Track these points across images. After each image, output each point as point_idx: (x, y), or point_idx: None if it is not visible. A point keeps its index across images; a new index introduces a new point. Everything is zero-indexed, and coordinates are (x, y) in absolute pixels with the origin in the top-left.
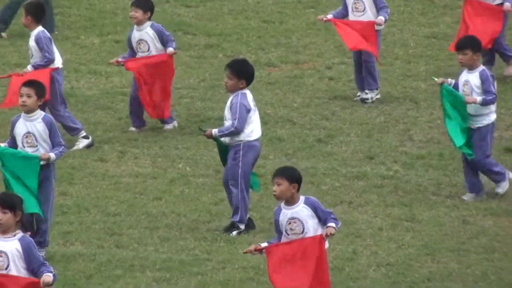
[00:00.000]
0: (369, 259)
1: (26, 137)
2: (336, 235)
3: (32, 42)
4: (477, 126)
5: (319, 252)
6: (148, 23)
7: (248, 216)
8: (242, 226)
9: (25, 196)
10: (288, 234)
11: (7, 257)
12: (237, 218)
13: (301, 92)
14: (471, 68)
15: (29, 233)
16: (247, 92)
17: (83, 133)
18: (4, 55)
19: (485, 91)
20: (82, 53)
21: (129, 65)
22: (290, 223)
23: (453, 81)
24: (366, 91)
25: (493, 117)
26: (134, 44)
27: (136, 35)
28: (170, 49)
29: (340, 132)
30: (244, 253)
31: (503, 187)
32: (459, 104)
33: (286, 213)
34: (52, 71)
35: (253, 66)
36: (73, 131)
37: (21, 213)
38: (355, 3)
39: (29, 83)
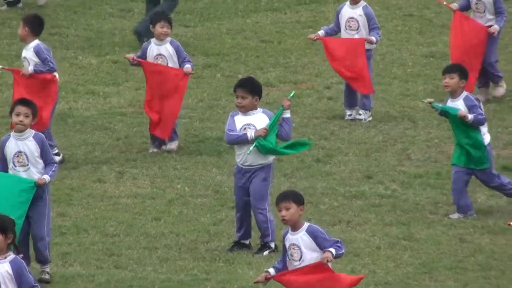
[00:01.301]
0: (368, 278)
1: (17, 156)
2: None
3: (29, 54)
4: None
5: (324, 272)
6: (168, 39)
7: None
8: (273, 245)
9: None
10: (289, 259)
11: None
12: (269, 238)
13: (299, 112)
14: (454, 95)
15: (21, 255)
16: None
17: (56, 150)
18: (1, 76)
19: (473, 112)
20: (80, 73)
21: (145, 65)
22: (290, 249)
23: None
24: (360, 111)
25: (487, 138)
26: (151, 57)
27: (154, 49)
28: (188, 66)
29: (339, 152)
30: (254, 283)
31: (455, 216)
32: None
33: (289, 238)
34: (55, 78)
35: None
36: None
37: (13, 235)
38: (349, 21)
39: (27, 103)
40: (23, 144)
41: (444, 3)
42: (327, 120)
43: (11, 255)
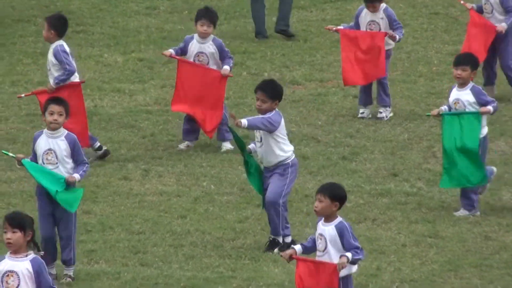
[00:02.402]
0: (393, 275)
1: (47, 153)
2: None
3: (51, 56)
4: None
5: (329, 280)
6: (211, 37)
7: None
8: (281, 240)
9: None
10: (316, 248)
11: (18, 277)
12: (279, 233)
13: (325, 110)
14: (463, 86)
15: (43, 253)
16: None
17: (98, 144)
18: (26, 73)
19: (486, 102)
20: (105, 71)
21: (181, 65)
22: (318, 238)
23: (446, 107)
24: (381, 109)
25: (484, 131)
26: (192, 54)
27: (196, 46)
28: (226, 68)
29: (364, 150)
30: (281, 256)
31: (462, 213)
32: (466, 125)
33: (320, 227)
34: (81, 83)
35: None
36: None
37: (32, 232)
38: (370, 24)
39: (60, 101)
40: (54, 143)
41: (462, 2)
42: (352, 118)
43: (32, 254)
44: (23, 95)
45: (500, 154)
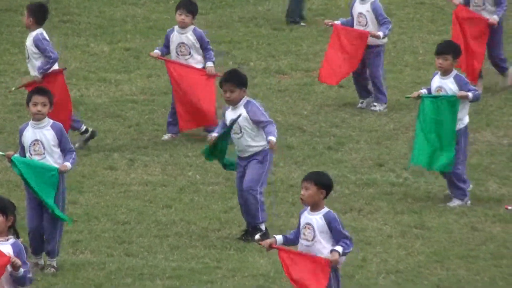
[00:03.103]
0: (379, 266)
1: (34, 144)
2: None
3: (28, 43)
4: None
5: (321, 274)
6: (191, 27)
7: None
8: (263, 227)
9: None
10: (300, 237)
11: None
12: (259, 220)
13: (311, 100)
14: (445, 73)
15: (21, 239)
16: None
17: (84, 127)
18: (13, 63)
19: (468, 91)
20: (91, 60)
21: (170, 66)
22: (305, 227)
23: (425, 90)
24: (375, 103)
25: (466, 120)
26: (173, 45)
27: (176, 37)
28: (210, 66)
29: (350, 140)
30: (259, 244)
31: (455, 203)
32: (444, 109)
33: (306, 216)
34: (62, 71)
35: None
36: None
37: (13, 218)
38: (358, 17)
39: (44, 92)
40: (40, 133)
41: None
42: (338, 108)
43: (12, 239)
44: (13, 88)
45: (486, 145)
